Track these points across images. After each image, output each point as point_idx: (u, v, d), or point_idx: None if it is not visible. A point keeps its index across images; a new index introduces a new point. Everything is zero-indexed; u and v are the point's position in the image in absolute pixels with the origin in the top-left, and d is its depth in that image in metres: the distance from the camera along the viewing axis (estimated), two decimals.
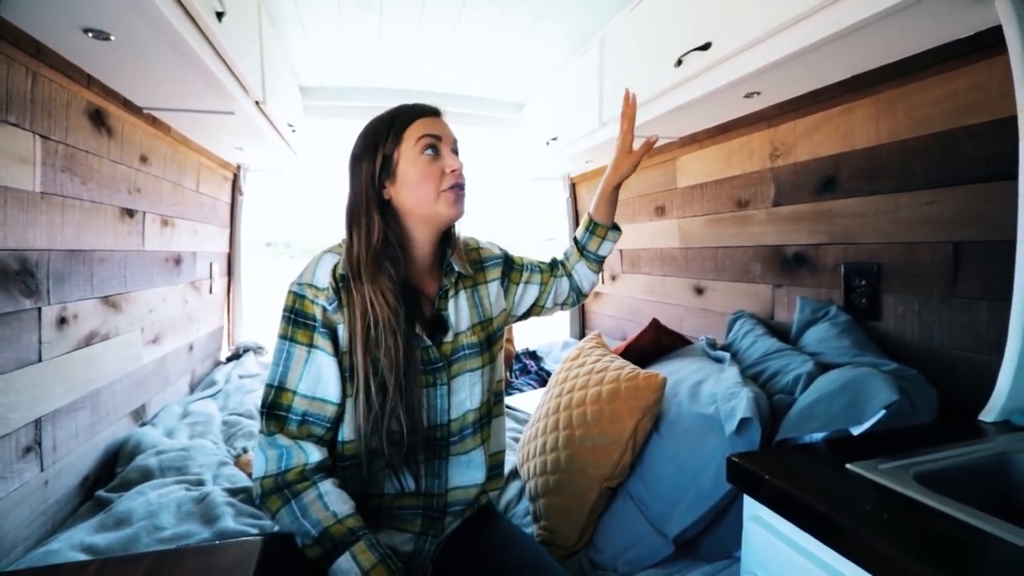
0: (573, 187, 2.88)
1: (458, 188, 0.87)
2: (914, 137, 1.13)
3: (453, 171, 0.86)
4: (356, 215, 0.83)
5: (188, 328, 1.94)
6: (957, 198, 1.05)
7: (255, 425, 1.65)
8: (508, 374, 2.40)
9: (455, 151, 0.90)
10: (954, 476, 0.73)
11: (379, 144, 0.83)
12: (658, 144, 2.00)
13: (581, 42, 1.95)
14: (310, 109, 2.44)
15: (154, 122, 1.54)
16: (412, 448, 0.81)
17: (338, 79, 2.40)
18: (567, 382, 1.24)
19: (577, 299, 1.17)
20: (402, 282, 0.81)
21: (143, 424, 1.53)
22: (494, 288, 0.99)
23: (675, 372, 1.20)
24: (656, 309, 2.18)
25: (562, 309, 1.16)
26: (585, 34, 1.90)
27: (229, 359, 2.33)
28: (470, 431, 0.89)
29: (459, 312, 0.91)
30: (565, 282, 1.14)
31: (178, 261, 1.82)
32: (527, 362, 2.64)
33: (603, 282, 2.67)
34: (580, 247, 1.15)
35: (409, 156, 0.84)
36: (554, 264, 1.14)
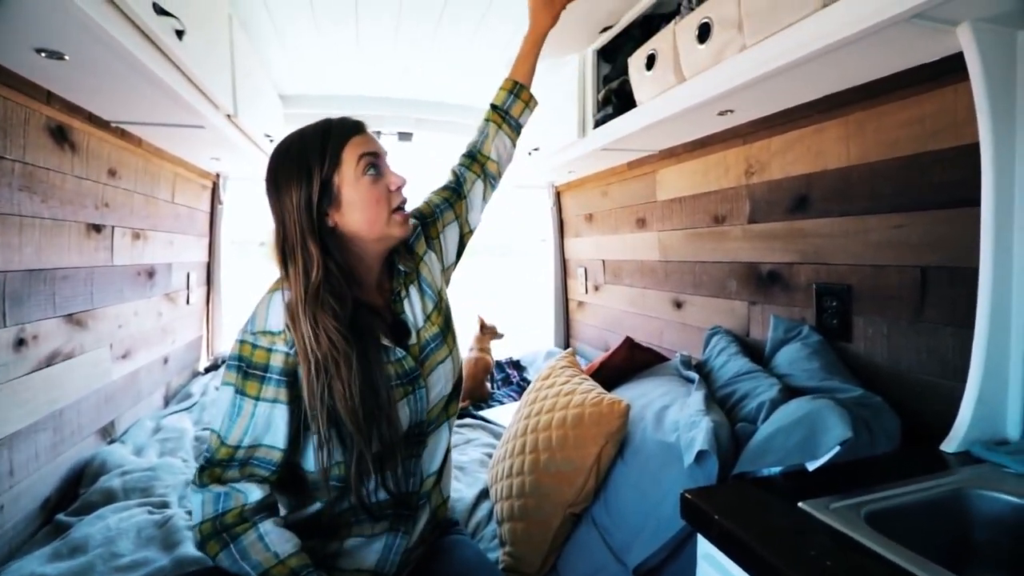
0: (558, 195, 2.87)
1: (404, 206, 0.85)
2: (883, 160, 1.12)
3: (399, 188, 0.84)
4: (290, 249, 0.76)
5: (163, 341, 1.92)
6: (924, 223, 1.05)
7: None
8: (489, 385, 2.39)
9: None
10: (908, 514, 0.72)
11: (313, 168, 0.77)
12: (638, 157, 2.00)
13: (561, 53, 1.94)
14: (292, 117, 2.42)
15: (123, 135, 1.52)
16: (386, 468, 0.79)
17: (319, 87, 2.38)
18: (536, 403, 1.23)
19: (495, 185, 1.11)
20: (350, 315, 0.77)
21: (112, 441, 1.51)
22: (429, 259, 0.96)
23: (643, 395, 1.19)
24: (637, 321, 2.17)
25: (485, 205, 1.10)
26: (559, 50, 1.89)
27: (208, 370, 2.31)
28: (443, 411, 0.90)
29: (414, 308, 0.90)
30: (479, 185, 1.07)
31: (151, 274, 1.80)
32: (510, 372, 2.63)
33: (586, 292, 2.67)
34: (502, 113, 1.09)
35: (351, 178, 0.79)
36: (459, 181, 1.07)
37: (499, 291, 4.38)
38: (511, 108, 1.11)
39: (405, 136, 2.72)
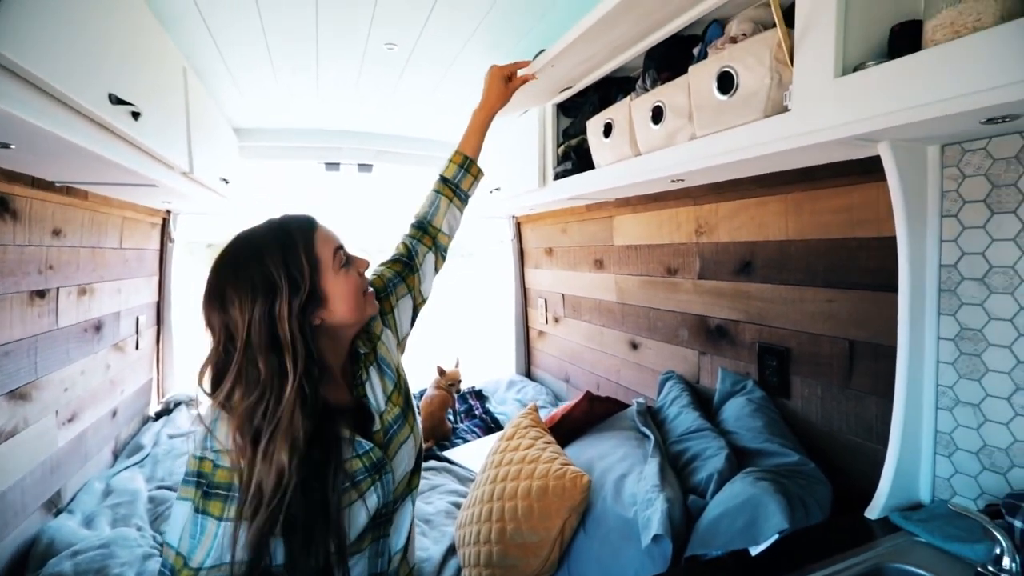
0: (519, 226, 2.92)
1: (369, 285, 0.87)
2: (816, 239, 1.23)
3: (365, 270, 0.86)
4: (246, 368, 0.71)
5: (111, 394, 1.84)
6: (852, 300, 1.16)
7: None
8: (452, 418, 2.41)
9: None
10: None
11: (295, 278, 0.75)
12: (596, 201, 2.08)
13: (521, 109, 1.98)
14: (247, 150, 2.37)
15: (68, 191, 1.45)
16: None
17: (275, 121, 2.33)
18: (502, 467, 1.27)
19: (445, 257, 1.13)
20: (316, 426, 0.75)
21: (58, 512, 1.44)
22: (386, 336, 0.96)
23: (603, 457, 1.26)
24: (596, 357, 2.25)
25: (436, 275, 1.12)
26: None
27: (159, 415, 2.22)
28: (406, 486, 0.91)
29: (375, 391, 0.90)
30: (431, 257, 1.09)
31: (98, 327, 1.73)
32: (472, 403, 2.65)
33: (546, 322, 2.73)
34: (453, 187, 1.12)
35: (329, 276, 0.79)
36: (410, 254, 1.07)
37: (463, 296, 4.42)
38: (461, 182, 1.14)
39: (365, 167, 2.71)
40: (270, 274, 0.73)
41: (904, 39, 0.79)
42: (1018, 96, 0.61)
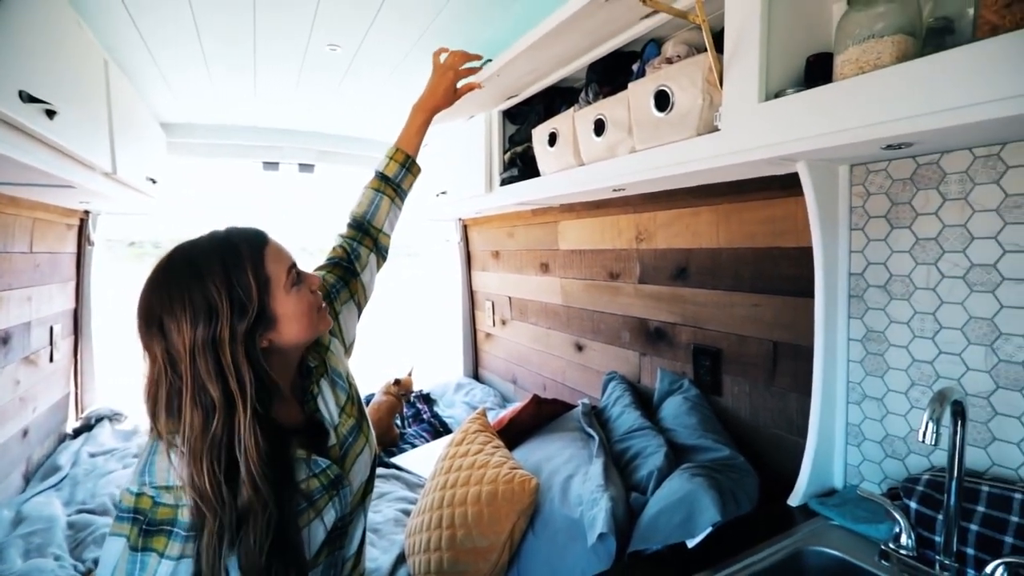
0: (465, 229, 2.93)
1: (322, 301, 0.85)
2: (744, 247, 1.32)
3: (317, 288, 0.83)
4: (192, 394, 0.67)
5: (20, 412, 1.68)
6: (775, 305, 1.26)
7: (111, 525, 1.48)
8: (399, 423, 2.39)
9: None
10: None
11: (240, 299, 0.70)
12: (541, 206, 2.12)
13: (466, 114, 1.99)
14: (177, 147, 2.23)
15: None
16: None
17: (210, 118, 2.22)
18: (451, 473, 1.28)
19: (386, 257, 1.11)
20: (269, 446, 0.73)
21: None
22: (335, 347, 0.94)
23: (550, 459, 1.29)
24: (543, 359, 2.30)
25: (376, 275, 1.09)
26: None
27: (77, 432, 2.05)
28: (361, 498, 0.91)
29: (328, 404, 0.87)
30: (372, 259, 1.06)
31: (6, 340, 1.58)
32: (420, 407, 2.63)
33: (493, 324, 2.76)
34: (395, 186, 1.10)
35: (280, 297, 0.75)
36: (350, 257, 1.04)
37: (408, 297, 4.37)
38: (402, 181, 1.11)
39: (306, 167, 2.62)
40: (210, 296, 0.69)
41: (818, 69, 0.87)
42: (911, 129, 0.69)
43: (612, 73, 1.37)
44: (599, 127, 1.27)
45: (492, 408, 2.41)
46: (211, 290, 0.69)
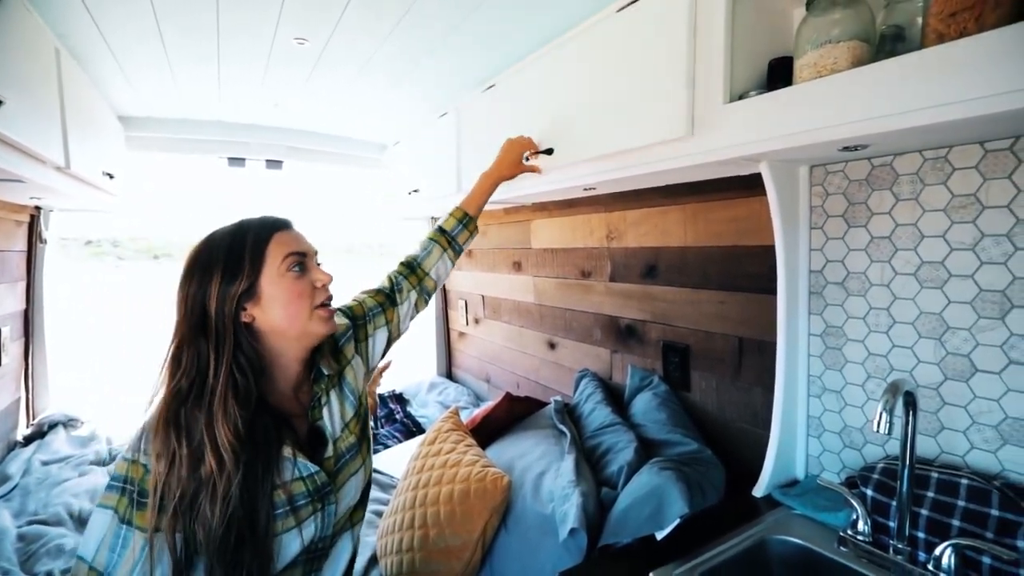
0: None
1: (330, 303, 0.85)
2: (710, 246, 1.35)
3: (324, 286, 0.84)
4: (186, 344, 0.74)
5: None
6: (740, 302, 1.29)
7: (65, 536, 1.42)
8: (373, 425, 2.36)
9: (318, 263, 0.86)
10: (732, 567, 0.90)
11: (237, 271, 0.76)
12: (512, 205, 2.13)
13: (441, 105, 1.98)
14: (136, 141, 2.14)
15: None
16: None
17: (171, 111, 2.13)
18: (423, 472, 1.28)
19: (428, 301, 1.16)
20: (249, 423, 0.73)
21: None
22: (356, 363, 0.95)
23: (523, 455, 1.30)
24: (516, 357, 2.30)
25: (413, 319, 1.13)
26: (443, 103, 1.94)
27: (28, 439, 1.95)
28: (347, 520, 0.89)
29: (333, 416, 0.87)
30: (413, 296, 1.11)
31: None
32: (393, 407, 2.61)
33: (467, 323, 2.75)
34: (449, 238, 1.18)
35: (272, 276, 0.78)
36: (393, 288, 1.09)
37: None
38: (458, 236, 1.19)
39: (274, 164, 2.55)
40: (211, 256, 0.77)
41: (779, 72, 0.90)
42: (864, 131, 0.72)
43: None
44: None
45: (466, 407, 2.40)
46: (215, 253, 0.78)
